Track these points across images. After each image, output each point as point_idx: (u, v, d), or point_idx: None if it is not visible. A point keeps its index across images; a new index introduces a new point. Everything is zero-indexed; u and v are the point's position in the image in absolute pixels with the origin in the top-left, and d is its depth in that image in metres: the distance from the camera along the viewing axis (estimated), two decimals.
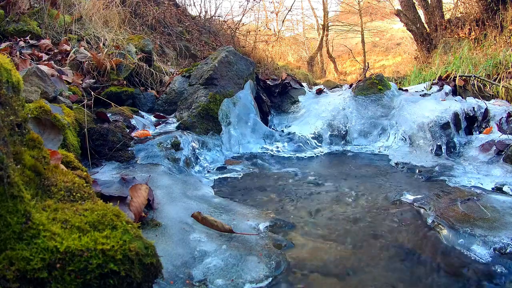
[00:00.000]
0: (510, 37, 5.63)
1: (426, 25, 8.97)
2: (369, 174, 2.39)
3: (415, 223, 1.63)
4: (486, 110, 3.01)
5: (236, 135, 2.97)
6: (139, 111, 3.08)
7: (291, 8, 17.28)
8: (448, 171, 2.37)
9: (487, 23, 6.66)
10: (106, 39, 3.69)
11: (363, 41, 18.27)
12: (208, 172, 2.40)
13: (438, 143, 2.80)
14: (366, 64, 10.22)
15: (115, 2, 4.72)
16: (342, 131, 3.25)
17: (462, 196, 1.86)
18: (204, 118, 2.83)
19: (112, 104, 2.79)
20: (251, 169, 2.48)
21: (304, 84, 4.01)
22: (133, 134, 2.45)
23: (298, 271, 1.24)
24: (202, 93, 2.96)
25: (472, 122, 3.03)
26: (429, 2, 8.90)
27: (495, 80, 3.61)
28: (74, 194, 0.97)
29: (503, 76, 3.58)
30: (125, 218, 0.90)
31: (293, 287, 1.16)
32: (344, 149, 3.15)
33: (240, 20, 8.85)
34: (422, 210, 1.75)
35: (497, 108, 3.03)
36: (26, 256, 0.70)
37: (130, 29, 4.91)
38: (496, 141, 2.58)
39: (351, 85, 3.80)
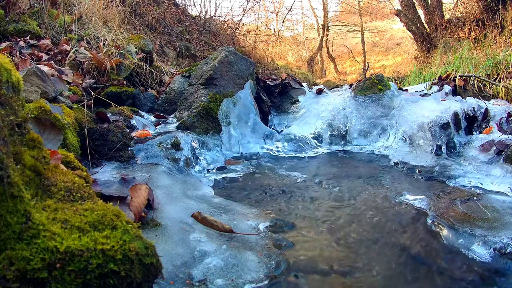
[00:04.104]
0: (510, 37, 5.63)
1: (426, 25, 8.97)
2: (369, 174, 2.39)
3: (415, 223, 1.63)
4: (486, 110, 3.01)
5: (236, 135, 2.97)
6: (139, 111, 3.08)
7: (291, 8, 17.31)
8: (448, 171, 2.37)
9: (487, 23, 6.66)
10: (106, 39, 3.69)
11: (363, 41, 18.27)
12: (208, 172, 2.40)
13: (438, 143, 2.80)
14: (366, 64, 10.22)
15: (115, 2, 4.72)
16: (342, 131, 3.25)
17: (462, 196, 1.86)
18: (204, 118, 2.83)
19: (112, 104, 2.79)
20: (251, 169, 2.48)
21: (304, 84, 4.01)
22: (133, 134, 2.45)
23: (298, 271, 1.24)
24: (202, 93, 2.96)
25: (472, 122, 3.03)
26: (429, 2, 8.90)
27: (495, 80, 3.61)
28: (74, 194, 0.97)
29: (503, 76, 3.58)
30: (125, 218, 0.89)
31: (293, 287, 1.16)
32: (344, 149, 3.15)
33: (240, 20, 8.85)
34: (422, 210, 1.75)
35: (497, 108, 3.03)
36: (26, 256, 0.70)
37: (130, 29, 4.91)
38: (496, 141, 2.58)
39: (351, 85, 3.80)
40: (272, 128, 3.43)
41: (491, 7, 6.58)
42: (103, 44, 3.57)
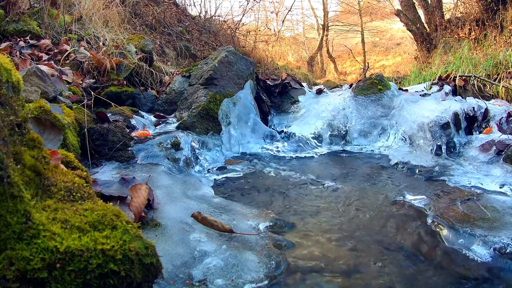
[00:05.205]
0: (510, 37, 5.63)
1: (426, 25, 8.97)
2: (369, 174, 2.39)
3: (415, 223, 1.63)
4: (486, 110, 3.01)
5: (236, 135, 2.97)
6: (139, 111, 3.08)
7: (291, 8, 17.31)
8: (448, 171, 2.37)
9: (487, 23, 6.66)
10: (106, 39, 3.69)
11: (363, 41, 18.27)
12: (208, 172, 2.40)
13: (438, 143, 2.80)
14: (366, 64, 10.22)
15: (115, 2, 4.72)
16: (342, 131, 3.25)
17: (462, 196, 1.86)
18: (204, 118, 2.83)
19: (112, 104, 2.79)
20: (251, 169, 2.48)
21: (304, 84, 4.01)
22: (133, 134, 2.45)
23: (298, 271, 1.24)
24: (202, 93, 2.96)
25: (472, 122, 3.03)
26: (429, 2, 8.90)
27: (495, 80, 3.61)
28: (74, 194, 0.97)
29: (503, 76, 3.58)
30: (125, 218, 0.89)
31: (293, 287, 1.16)
32: (344, 149, 3.15)
33: (240, 20, 8.85)
34: (422, 210, 1.75)
35: (497, 108, 3.03)
36: (26, 256, 0.70)
37: (130, 29, 4.91)
38: (496, 141, 2.58)
39: (351, 85, 3.80)
40: (272, 128, 3.43)
41: (491, 7, 6.58)
42: (103, 44, 3.57)
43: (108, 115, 2.46)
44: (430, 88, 3.65)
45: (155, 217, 1.46)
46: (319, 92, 3.83)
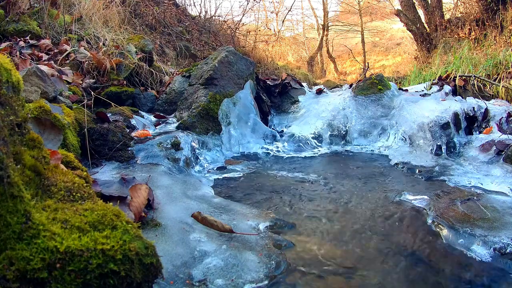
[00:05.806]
0: (510, 37, 5.63)
1: (426, 25, 8.97)
2: (369, 174, 2.39)
3: (415, 223, 1.63)
4: (486, 110, 3.01)
5: (236, 135, 2.97)
6: (139, 111, 3.08)
7: (291, 8, 17.31)
8: (448, 171, 2.37)
9: (487, 23, 6.66)
10: (106, 39, 3.69)
11: (363, 41, 18.27)
12: (208, 172, 2.40)
13: (438, 143, 2.80)
14: (366, 64, 10.22)
15: (115, 2, 4.72)
16: (342, 131, 3.25)
17: (462, 196, 1.86)
18: (204, 118, 2.83)
19: (112, 104, 2.79)
20: (251, 169, 2.48)
21: (304, 84, 4.01)
22: (133, 134, 2.45)
23: (298, 271, 1.24)
24: (202, 93, 2.96)
25: (472, 122, 3.03)
26: (429, 2, 8.90)
27: (495, 80, 3.61)
28: (74, 194, 0.97)
29: (503, 76, 3.58)
30: (125, 218, 0.89)
31: (293, 287, 1.16)
32: (344, 149, 3.14)
33: (240, 20, 8.85)
34: (422, 210, 1.75)
35: (497, 108, 3.03)
36: (26, 256, 0.70)
37: (130, 29, 4.91)
38: (496, 141, 2.58)
39: (351, 85, 3.80)
40: (272, 128, 3.43)
41: (491, 7, 6.58)
42: (103, 44, 3.57)
43: (108, 115, 2.46)
44: (430, 88, 3.65)
45: (155, 217, 1.46)
46: (319, 92, 3.83)
